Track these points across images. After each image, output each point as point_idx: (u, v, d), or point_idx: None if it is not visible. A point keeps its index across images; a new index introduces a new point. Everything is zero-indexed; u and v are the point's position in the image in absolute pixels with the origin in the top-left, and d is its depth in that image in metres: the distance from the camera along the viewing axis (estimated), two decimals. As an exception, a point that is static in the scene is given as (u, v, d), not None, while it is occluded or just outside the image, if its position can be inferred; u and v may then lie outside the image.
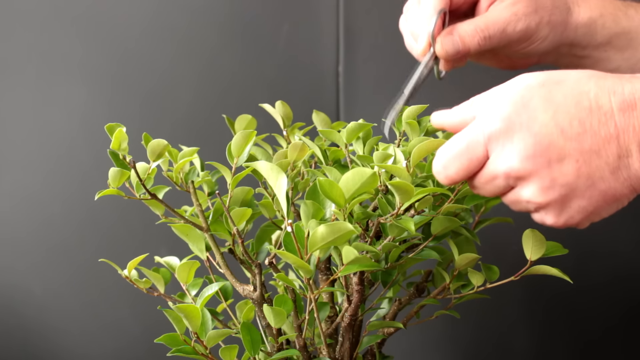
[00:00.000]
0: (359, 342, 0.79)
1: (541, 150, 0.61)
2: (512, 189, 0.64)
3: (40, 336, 1.25)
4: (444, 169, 0.65)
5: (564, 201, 0.62)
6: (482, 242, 0.79)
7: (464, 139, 0.64)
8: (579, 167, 0.61)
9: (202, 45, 1.26)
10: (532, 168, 0.61)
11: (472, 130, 0.63)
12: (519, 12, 0.79)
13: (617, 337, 1.35)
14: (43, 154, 1.23)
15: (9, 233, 1.24)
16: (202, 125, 1.26)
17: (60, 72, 1.23)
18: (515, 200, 0.65)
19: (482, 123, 0.63)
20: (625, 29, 0.85)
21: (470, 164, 0.64)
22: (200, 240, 0.77)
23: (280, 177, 0.67)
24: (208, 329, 0.72)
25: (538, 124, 0.61)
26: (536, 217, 0.66)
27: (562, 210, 0.63)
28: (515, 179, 0.63)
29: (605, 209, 0.63)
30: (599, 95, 0.61)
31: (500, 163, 0.62)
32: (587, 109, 0.61)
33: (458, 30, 0.78)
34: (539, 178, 0.62)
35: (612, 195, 0.62)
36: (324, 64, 1.28)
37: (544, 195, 0.62)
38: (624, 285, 1.32)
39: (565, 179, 0.61)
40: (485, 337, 1.34)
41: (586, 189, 0.62)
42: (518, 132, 0.61)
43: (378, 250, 0.70)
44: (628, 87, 0.61)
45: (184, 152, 0.74)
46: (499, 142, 0.62)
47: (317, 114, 0.84)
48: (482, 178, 0.64)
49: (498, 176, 0.63)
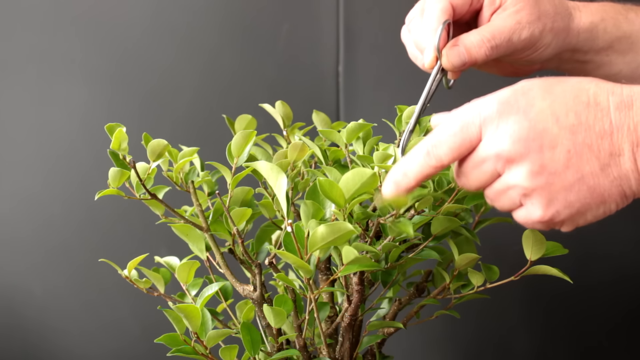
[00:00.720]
0: (359, 342, 0.79)
1: (534, 135, 0.61)
2: (499, 177, 0.64)
3: (40, 336, 1.25)
4: (433, 147, 0.63)
5: (551, 190, 0.62)
6: (482, 242, 0.79)
7: (459, 120, 0.63)
8: (570, 157, 0.61)
9: (202, 45, 1.26)
10: (524, 151, 0.61)
11: (468, 112, 0.63)
12: (522, 20, 0.79)
13: (617, 337, 1.35)
14: (43, 154, 1.23)
15: (9, 233, 1.24)
16: (202, 125, 1.26)
17: (60, 72, 1.23)
18: (502, 188, 0.64)
19: (479, 105, 0.63)
20: (626, 33, 0.85)
21: (462, 144, 0.63)
22: (200, 240, 0.77)
23: (280, 177, 0.67)
24: (208, 329, 0.72)
25: (535, 110, 0.61)
26: (521, 214, 0.64)
27: (549, 201, 0.62)
28: (505, 162, 0.62)
29: (592, 209, 0.63)
30: (598, 93, 0.61)
31: (492, 144, 0.62)
32: (585, 104, 0.61)
33: (464, 42, 0.77)
34: (529, 161, 0.61)
35: (600, 193, 0.62)
36: (324, 64, 1.28)
37: (531, 180, 0.62)
38: (624, 285, 1.32)
39: (554, 167, 0.61)
40: (485, 337, 1.34)
41: (575, 181, 0.61)
42: (514, 115, 0.61)
43: (378, 251, 0.70)
44: (627, 89, 0.61)
45: (184, 152, 0.74)
46: (493, 123, 0.62)
47: (317, 114, 0.84)
48: (472, 162, 0.64)
49: (488, 158, 0.62)
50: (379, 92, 1.29)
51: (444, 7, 0.78)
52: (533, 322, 1.34)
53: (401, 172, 0.65)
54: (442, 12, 0.78)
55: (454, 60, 0.77)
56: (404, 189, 0.65)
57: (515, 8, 0.79)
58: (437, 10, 0.78)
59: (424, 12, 0.79)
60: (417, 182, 0.65)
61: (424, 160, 0.64)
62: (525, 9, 0.79)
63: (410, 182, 0.65)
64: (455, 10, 0.79)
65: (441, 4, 0.78)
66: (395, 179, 0.65)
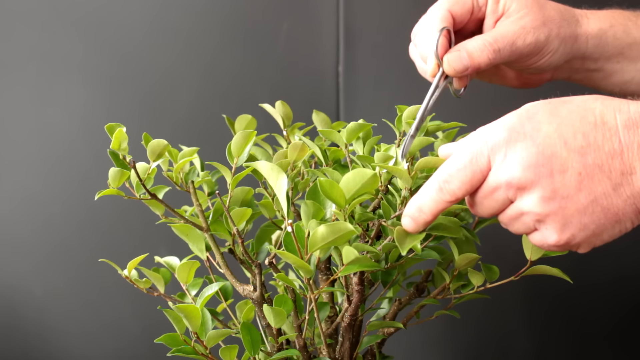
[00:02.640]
0: (359, 342, 0.79)
1: (544, 160, 0.61)
2: (512, 203, 0.64)
3: (40, 336, 1.25)
4: (445, 183, 0.64)
5: (565, 214, 0.61)
6: (482, 242, 0.79)
7: (467, 152, 0.63)
8: (581, 179, 0.60)
9: (202, 45, 1.26)
10: (534, 177, 0.61)
11: (475, 142, 0.63)
12: (527, 26, 0.79)
13: (617, 337, 1.35)
14: (43, 154, 1.23)
15: (9, 234, 1.24)
16: (202, 125, 1.26)
17: (61, 72, 1.23)
18: (515, 214, 0.64)
19: (485, 134, 0.63)
20: (636, 39, 0.85)
21: (473, 176, 0.63)
22: (200, 240, 0.77)
23: (280, 177, 0.67)
24: (208, 329, 0.72)
25: (542, 135, 0.61)
26: (537, 237, 0.64)
27: (563, 225, 0.62)
28: (516, 190, 0.62)
29: (608, 229, 0.62)
30: (605, 112, 0.61)
31: (502, 172, 0.62)
32: (592, 124, 0.61)
33: (465, 47, 0.77)
34: (540, 188, 0.61)
35: (615, 213, 0.61)
36: (324, 64, 1.28)
37: (544, 206, 0.61)
38: (624, 285, 1.32)
39: (566, 191, 0.61)
40: (485, 337, 1.34)
41: (588, 203, 0.61)
42: (521, 142, 0.61)
43: (378, 251, 0.70)
44: (634, 106, 0.61)
45: (184, 152, 0.74)
46: (501, 151, 0.62)
47: (317, 114, 0.84)
48: (483, 191, 0.64)
49: (499, 187, 0.62)
50: (379, 92, 1.29)
51: (442, 15, 0.78)
52: (533, 322, 1.34)
53: (416, 207, 0.66)
54: (440, 20, 0.78)
55: (456, 65, 0.77)
56: (421, 224, 0.66)
57: (519, 15, 0.79)
58: (436, 18, 0.78)
59: (424, 23, 0.80)
60: (434, 217, 0.66)
61: (438, 196, 0.65)
62: (529, 15, 0.79)
63: (427, 217, 0.66)
64: (455, 18, 0.79)
65: (439, 12, 0.79)
66: (412, 215, 0.66)
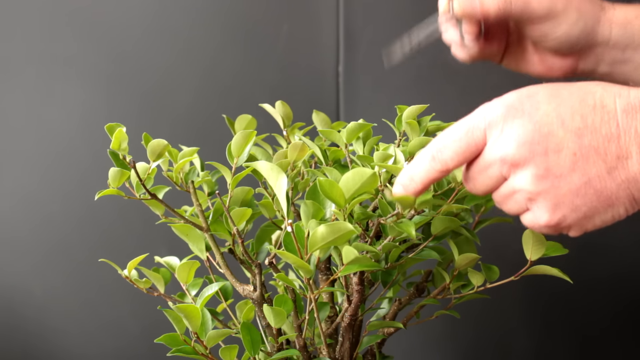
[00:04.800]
0: (359, 342, 0.79)
1: (539, 138, 0.61)
2: (505, 181, 0.64)
3: (40, 336, 1.25)
4: (438, 152, 0.64)
5: (557, 194, 0.61)
6: (482, 242, 0.79)
7: (464, 124, 0.63)
8: (575, 160, 0.60)
9: (202, 45, 1.26)
10: (528, 155, 0.61)
11: (473, 117, 0.63)
12: None
13: (617, 336, 1.35)
14: (42, 153, 1.23)
15: (8, 233, 1.24)
16: (202, 125, 1.26)
17: (60, 71, 1.23)
18: (508, 192, 0.64)
19: (484, 110, 0.63)
20: None
21: (467, 148, 0.63)
22: (200, 240, 0.77)
23: (280, 177, 0.67)
24: (208, 329, 0.72)
25: (540, 113, 0.61)
26: (528, 217, 0.64)
27: (555, 205, 0.62)
28: (510, 166, 0.62)
29: (600, 213, 0.62)
30: (605, 96, 0.61)
31: (497, 148, 0.62)
32: (591, 107, 0.61)
33: None
34: (534, 165, 0.61)
35: (607, 197, 0.61)
36: (324, 64, 1.28)
37: (537, 184, 0.61)
38: (624, 285, 1.32)
39: (560, 170, 0.61)
40: (485, 337, 1.34)
41: (581, 185, 0.61)
42: (519, 119, 0.61)
43: (378, 251, 0.70)
44: (634, 92, 0.61)
45: (184, 152, 0.74)
46: (498, 126, 0.62)
47: (317, 114, 0.84)
48: (478, 167, 0.64)
49: (493, 163, 0.62)
50: (379, 92, 1.29)
51: None
52: (533, 321, 1.34)
53: (408, 176, 0.66)
54: None
55: (466, 6, 0.78)
56: (412, 193, 0.66)
57: None
58: None
59: None
60: (424, 186, 0.65)
61: (430, 165, 0.64)
62: None
63: (417, 186, 0.65)
64: None
65: None
66: (403, 183, 0.66)
